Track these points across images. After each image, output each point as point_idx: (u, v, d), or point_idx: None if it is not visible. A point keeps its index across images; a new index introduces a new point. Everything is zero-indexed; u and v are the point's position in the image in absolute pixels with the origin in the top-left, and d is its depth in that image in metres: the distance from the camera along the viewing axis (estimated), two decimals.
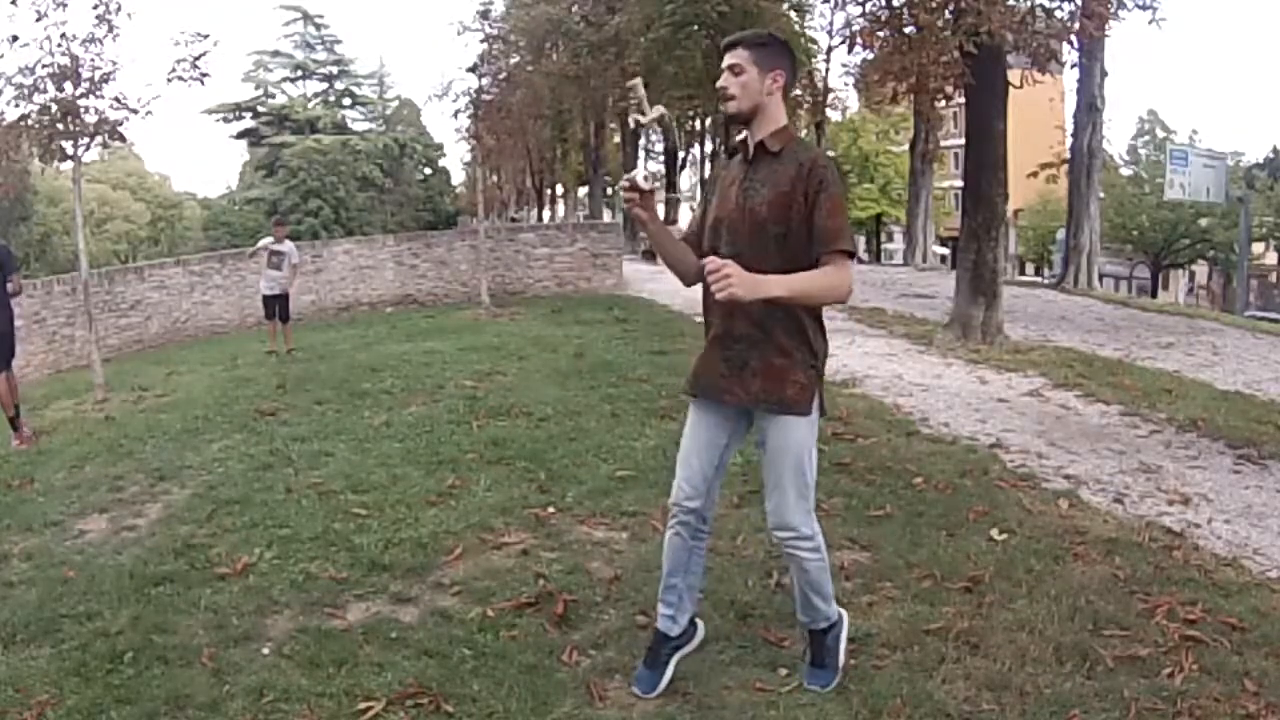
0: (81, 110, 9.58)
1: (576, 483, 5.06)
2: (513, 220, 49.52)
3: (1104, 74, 17.31)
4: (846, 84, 30.33)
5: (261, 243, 12.06)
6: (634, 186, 2.63)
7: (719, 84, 2.78)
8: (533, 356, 9.38)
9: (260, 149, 51.58)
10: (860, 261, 38.80)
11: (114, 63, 9.64)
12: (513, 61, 18.70)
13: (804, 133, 38.50)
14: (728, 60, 2.75)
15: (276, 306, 11.77)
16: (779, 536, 2.81)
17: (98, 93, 9.61)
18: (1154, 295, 34.32)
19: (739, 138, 2.84)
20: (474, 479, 5.19)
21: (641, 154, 42.69)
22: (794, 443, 2.73)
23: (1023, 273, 40.37)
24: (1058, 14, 10.95)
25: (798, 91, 30.00)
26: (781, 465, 2.75)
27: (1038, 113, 22.51)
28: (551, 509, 4.66)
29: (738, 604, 3.49)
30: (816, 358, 2.75)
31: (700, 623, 3.14)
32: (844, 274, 2.61)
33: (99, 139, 10.03)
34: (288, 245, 12.03)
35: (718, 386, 2.80)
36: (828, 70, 29.14)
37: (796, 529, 2.76)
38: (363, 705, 2.85)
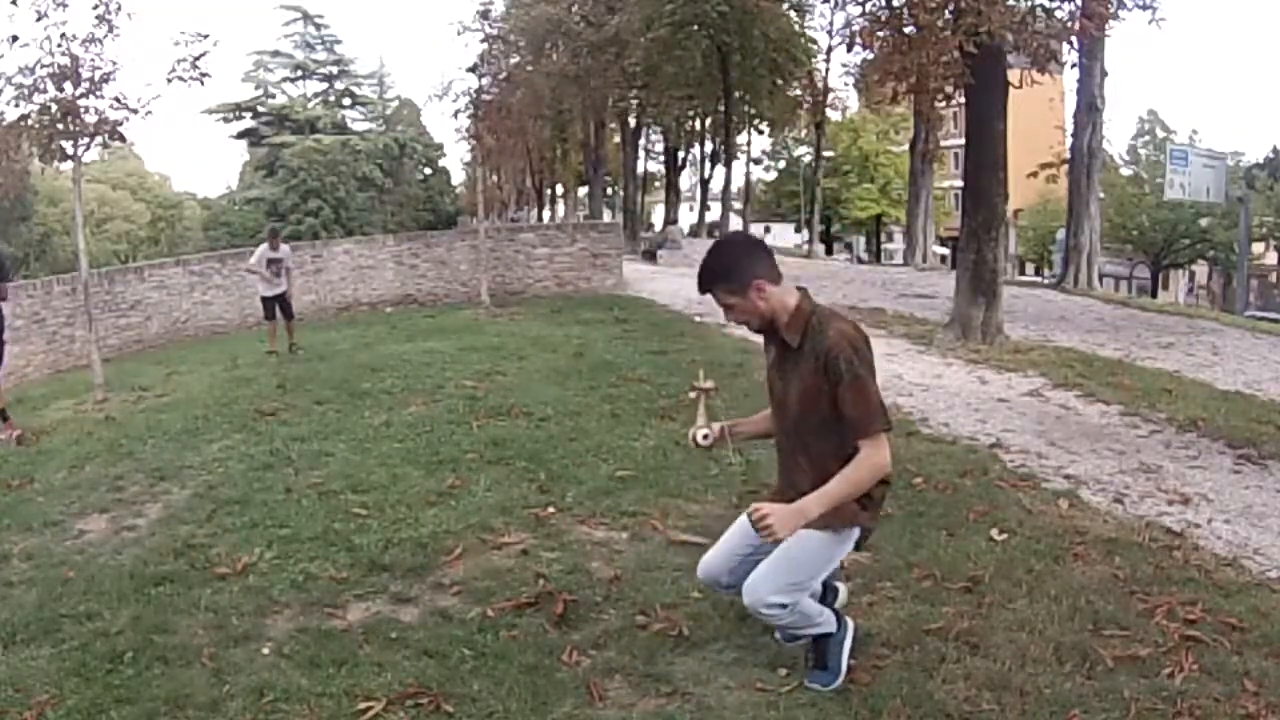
0: (81, 110, 9.58)
1: (576, 483, 5.06)
2: (513, 220, 49.53)
3: (1104, 74, 17.32)
4: (846, 84, 30.41)
5: (258, 254, 12.01)
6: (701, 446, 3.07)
7: (730, 319, 2.97)
8: (533, 356, 9.39)
9: (260, 149, 51.61)
10: (860, 261, 38.88)
11: (114, 63, 9.65)
12: (513, 61, 18.72)
13: (803, 132, 38.59)
14: (720, 301, 2.88)
15: (277, 306, 11.80)
16: (748, 602, 2.80)
17: (98, 93, 9.61)
18: (1154, 295, 34.32)
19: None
20: (474, 479, 5.19)
21: (641, 153, 42.75)
22: (811, 546, 2.79)
23: (1023, 273, 40.38)
24: (1058, 14, 10.96)
25: (796, 91, 30.08)
26: (789, 552, 2.77)
27: (1038, 113, 22.52)
28: (551, 509, 4.66)
29: (737, 604, 3.47)
30: (871, 499, 2.85)
31: (842, 589, 3.30)
32: (877, 456, 2.70)
33: (99, 139, 10.04)
34: (284, 250, 12.05)
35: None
36: (828, 70, 29.17)
37: (763, 601, 2.76)
38: (363, 705, 2.85)
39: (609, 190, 45.92)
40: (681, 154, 42.49)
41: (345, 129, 52.79)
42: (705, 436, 3.05)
